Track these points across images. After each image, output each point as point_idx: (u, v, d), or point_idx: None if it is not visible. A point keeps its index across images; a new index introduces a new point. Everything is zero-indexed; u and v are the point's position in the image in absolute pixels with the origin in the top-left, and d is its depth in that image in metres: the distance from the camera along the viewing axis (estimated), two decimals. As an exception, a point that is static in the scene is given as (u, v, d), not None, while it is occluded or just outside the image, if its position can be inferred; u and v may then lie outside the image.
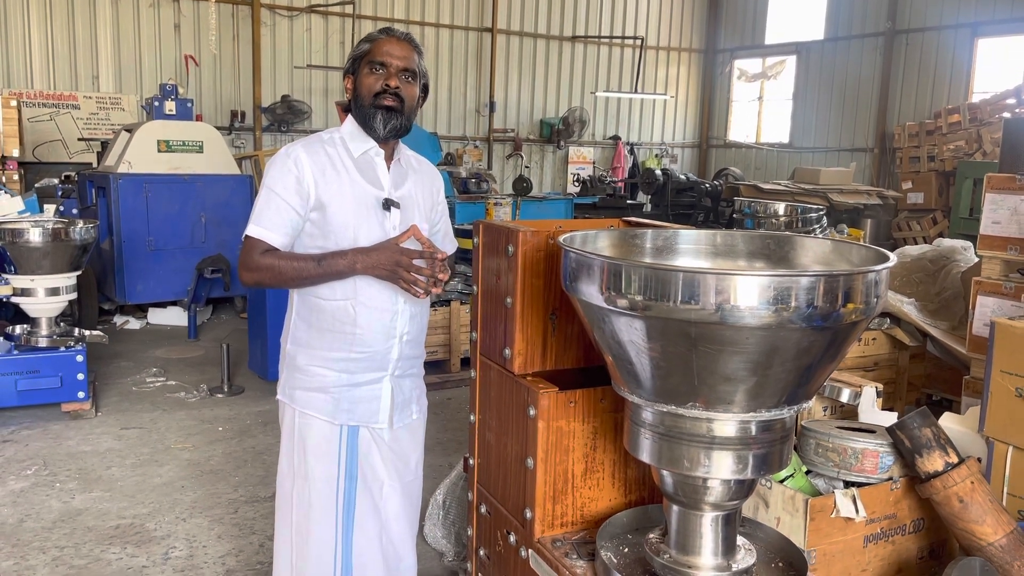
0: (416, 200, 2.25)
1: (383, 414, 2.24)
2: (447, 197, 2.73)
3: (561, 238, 2.01)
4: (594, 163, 14.95)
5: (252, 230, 2.09)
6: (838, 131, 13.90)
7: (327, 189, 2.10)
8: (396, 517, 2.32)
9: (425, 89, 2.25)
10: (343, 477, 2.20)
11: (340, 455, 2.20)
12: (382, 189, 2.18)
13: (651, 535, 2.10)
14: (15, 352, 4.93)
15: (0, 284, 4.97)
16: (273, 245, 2.09)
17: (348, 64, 2.20)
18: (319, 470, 2.20)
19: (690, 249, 2.23)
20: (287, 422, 2.25)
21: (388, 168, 2.21)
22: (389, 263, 2.03)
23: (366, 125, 2.16)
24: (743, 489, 1.90)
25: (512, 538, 2.50)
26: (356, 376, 2.19)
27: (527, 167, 14.18)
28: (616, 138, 15.24)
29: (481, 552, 2.78)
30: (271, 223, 2.09)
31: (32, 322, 5.12)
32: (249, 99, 11.78)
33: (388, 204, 2.16)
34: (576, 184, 13.51)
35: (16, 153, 8.41)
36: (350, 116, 2.22)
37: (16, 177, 8.28)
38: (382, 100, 2.13)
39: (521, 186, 11.75)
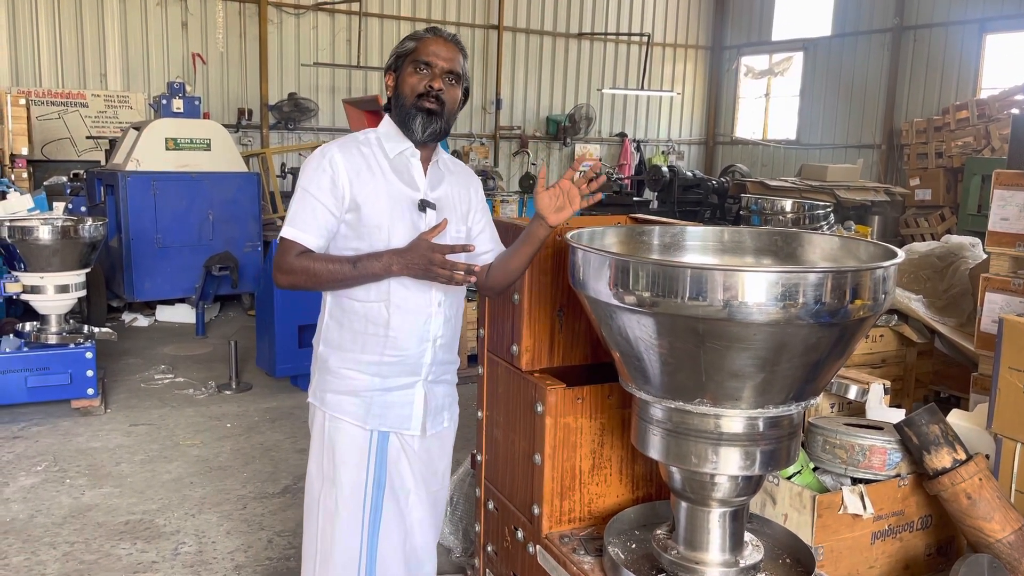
0: (452, 202, 2.20)
1: (415, 421, 2.20)
2: None
3: (568, 235, 2.02)
4: (600, 160, 14.93)
5: (287, 232, 2.07)
6: (845, 128, 13.85)
7: (362, 189, 2.07)
8: (420, 525, 2.28)
9: (466, 92, 2.20)
10: (371, 485, 2.17)
11: (369, 462, 2.16)
12: (418, 190, 2.14)
13: (659, 531, 2.11)
14: (25, 349, 4.96)
15: (10, 281, 5.00)
16: (307, 247, 2.06)
17: (391, 60, 2.16)
18: (347, 476, 2.16)
19: (697, 246, 2.23)
20: (317, 425, 2.22)
21: (425, 170, 2.17)
22: (423, 261, 1.99)
23: (404, 126, 2.12)
24: (751, 485, 1.91)
25: (520, 534, 2.50)
26: (388, 380, 2.15)
27: (533, 164, 14.17)
28: (623, 135, 15.22)
29: (489, 548, 2.79)
30: (306, 225, 2.06)
31: (42, 319, 5.15)
32: (256, 97, 11.80)
33: (424, 205, 2.12)
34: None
35: (25, 151, 8.44)
36: (387, 116, 2.18)
37: (25, 175, 8.31)
38: (423, 102, 2.08)
39: (527, 183, 11.75)
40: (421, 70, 2.09)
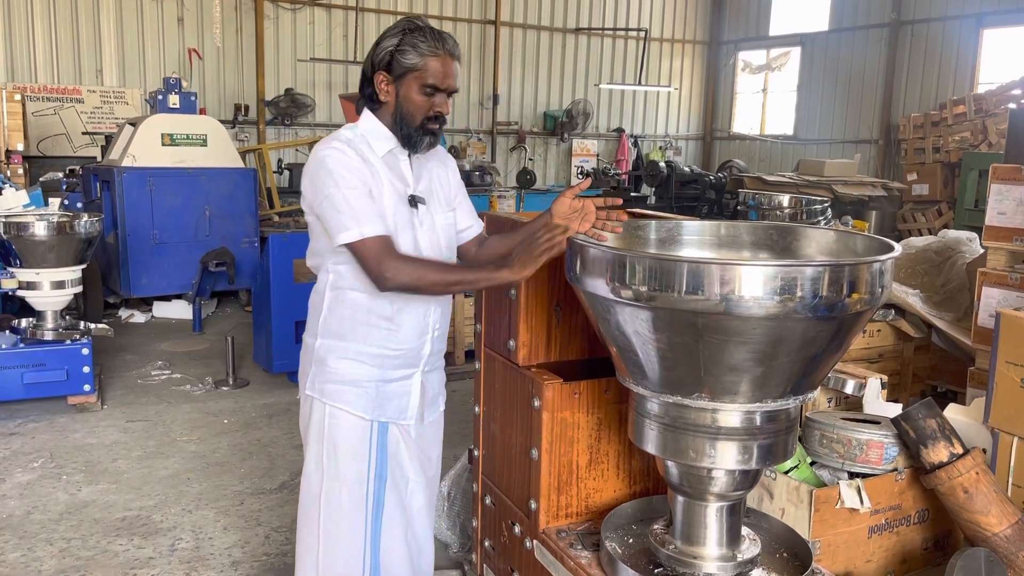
0: (435, 191, 2.23)
1: (412, 410, 2.22)
2: None
3: (566, 229, 2.01)
4: (598, 156, 14.91)
5: (366, 230, 1.98)
6: (843, 123, 13.85)
7: (374, 186, 2.07)
8: (420, 512, 2.30)
9: None
10: (373, 477, 2.17)
11: (370, 453, 2.17)
12: (408, 186, 2.15)
13: (656, 526, 2.11)
14: (21, 345, 4.95)
15: (6, 278, 4.98)
16: (381, 234, 2.00)
17: (386, 58, 2.08)
18: (350, 470, 2.16)
19: (694, 240, 2.23)
20: (315, 420, 2.20)
21: (411, 165, 2.18)
22: (535, 249, 1.92)
23: (406, 140, 2.11)
24: (748, 479, 1.91)
25: (517, 529, 2.50)
26: (388, 372, 2.17)
27: (531, 160, 14.16)
28: (620, 130, 15.20)
29: (486, 543, 2.79)
30: (371, 216, 2.00)
31: (38, 315, 5.14)
32: (253, 92, 11.77)
33: (414, 201, 2.13)
34: (580, 176, 13.49)
35: (21, 147, 8.42)
36: (369, 113, 2.14)
37: (21, 171, 8.29)
38: (430, 125, 2.09)
39: (525, 179, 11.73)
40: (429, 92, 2.07)
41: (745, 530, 2.04)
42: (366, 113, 2.16)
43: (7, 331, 5.11)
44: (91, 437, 4.66)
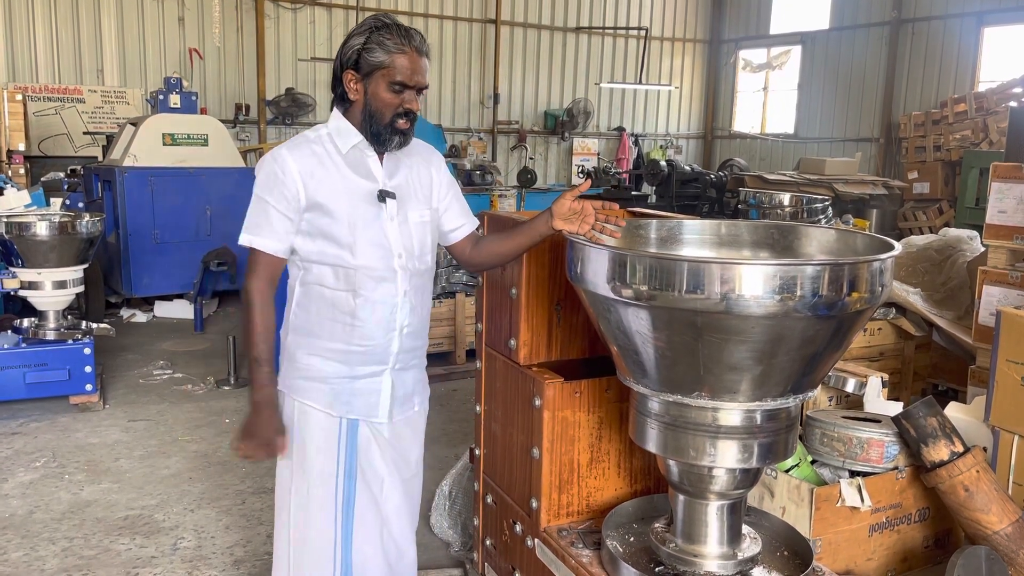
0: (412, 187, 2.21)
1: (382, 408, 2.20)
2: None
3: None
4: (599, 154, 14.91)
5: (245, 239, 2.12)
6: (843, 121, 13.84)
7: (318, 189, 2.07)
8: (397, 514, 2.28)
9: None
10: (342, 474, 2.18)
11: (339, 450, 2.17)
12: (376, 181, 2.14)
13: (657, 524, 2.11)
14: (23, 345, 4.96)
15: (8, 278, 4.99)
16: (268, 252, 2.11)
17: (353, 57, 2.08)
18: (318, 465, 2.17)
19: (695, 239, 2.23)
20: (287, 414, 2.23)
21: (381, 159, 2.17)
22: (262, 441, 2.16)
23: (374, 137, 2.12)
24: (748, 478, 1.91)
25: (518, 528, 2.51)
26: (355, 369, 2.16)
27: (531, 159, 14.16)
28: (621, 129, 15.20)
29: (487, 542, 2.80)
30: (260, 230, 2.10)
31: (39, 315, 5.14)
32: (253, 92, 11.78)
33: (383, 195, 2.13)
34: (581, 176, 13.48)
35: (22, 147, 8.43)
36: (337, 112, 2.16)
37: (22, 171, 8.31)
38: (399, 123, 2.10)
39: (525, 178, 11.73)
40: (397, 90, 2.08)
41: (746, 528, 2.05)
42: (335, 112, 2.18)
43: (9, 331, 5.12)
44: (93, 436, 4.67)
